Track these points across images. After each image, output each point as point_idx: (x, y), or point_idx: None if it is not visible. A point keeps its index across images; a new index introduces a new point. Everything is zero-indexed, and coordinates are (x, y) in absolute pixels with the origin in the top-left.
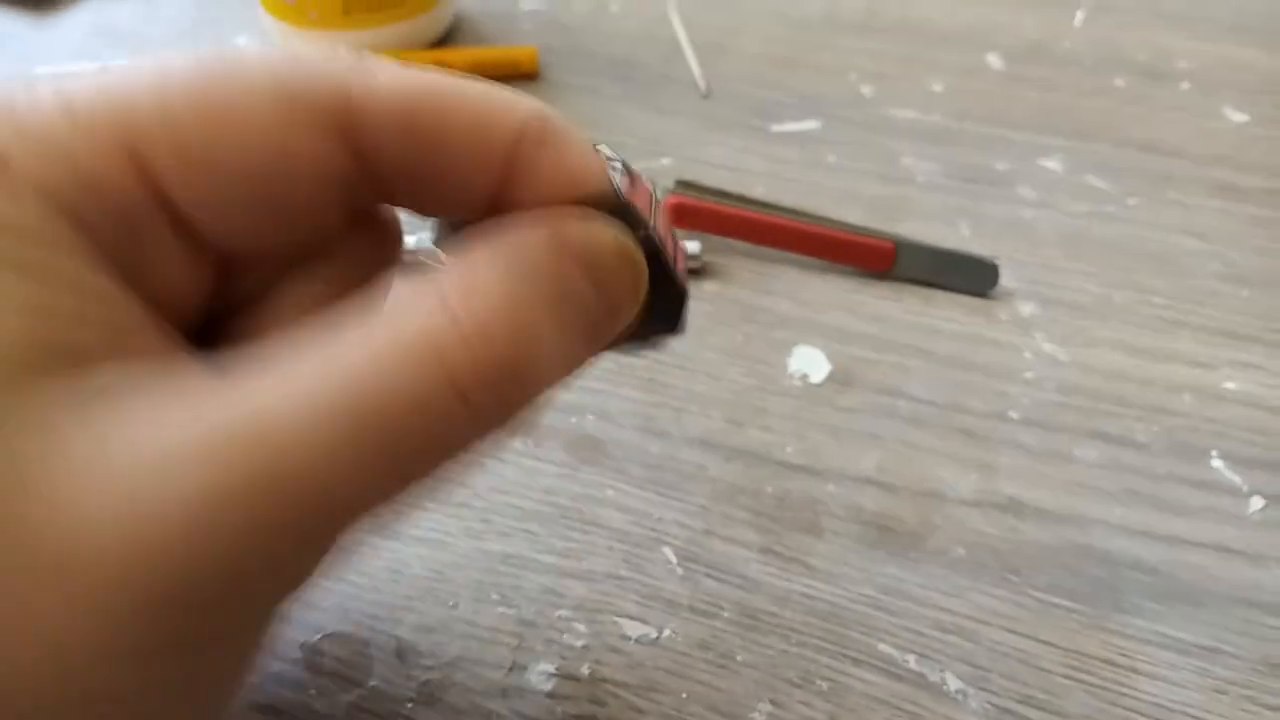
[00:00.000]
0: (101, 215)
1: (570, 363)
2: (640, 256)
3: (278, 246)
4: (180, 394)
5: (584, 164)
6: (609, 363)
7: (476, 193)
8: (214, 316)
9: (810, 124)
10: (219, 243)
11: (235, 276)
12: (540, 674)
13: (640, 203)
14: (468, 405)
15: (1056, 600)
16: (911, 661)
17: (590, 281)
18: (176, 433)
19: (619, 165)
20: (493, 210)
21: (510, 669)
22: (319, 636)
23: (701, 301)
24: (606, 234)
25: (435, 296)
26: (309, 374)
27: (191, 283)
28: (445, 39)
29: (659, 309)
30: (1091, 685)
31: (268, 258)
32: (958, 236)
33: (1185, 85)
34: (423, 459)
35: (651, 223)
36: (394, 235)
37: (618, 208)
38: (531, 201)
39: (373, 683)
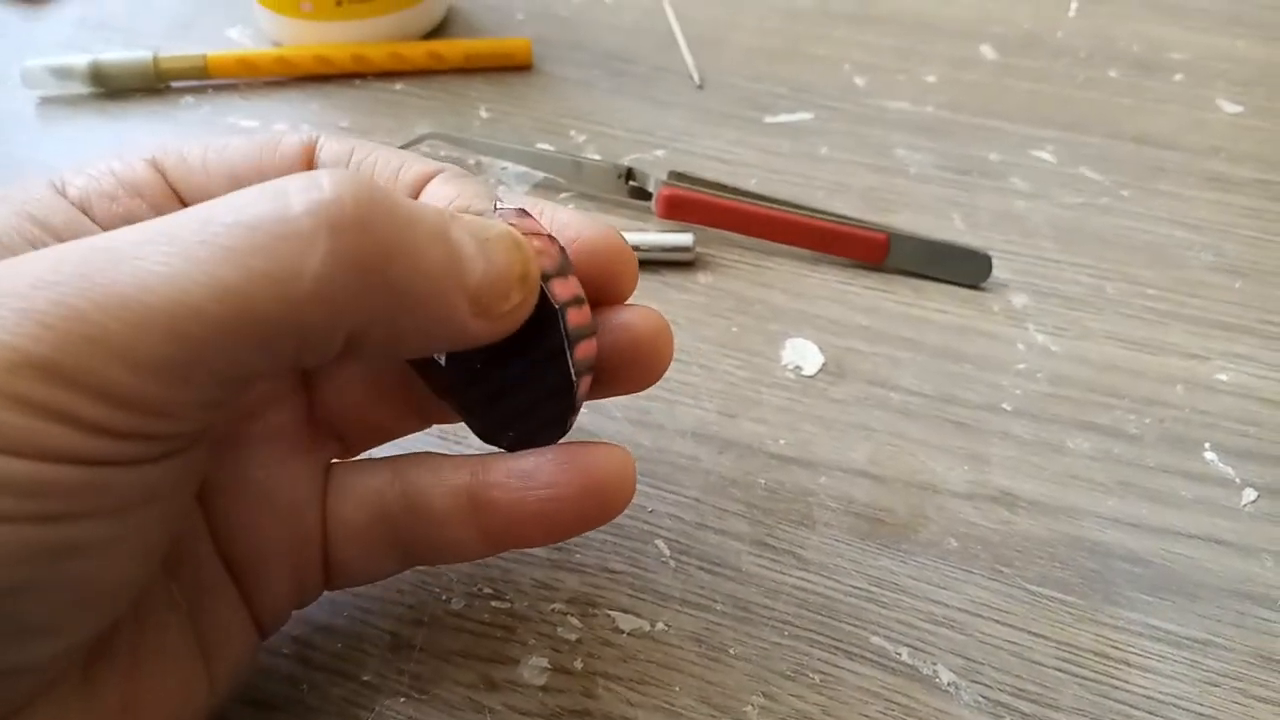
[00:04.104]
0: (135, 202)
1: (449, 316)
2: (526, 245)
3: None
4: None
5: (474, 188)
6: None
7: None
8: None
9: (803, 115)
10: None
11: None
12: (533, 668)
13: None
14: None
15: (1048, 592)
16: (904, 654)
17: (474, 240)
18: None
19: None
20: None
21: (503, 663)
22: (311, 630)
23: (695, 294)
24: (498, 222)
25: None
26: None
27: None
28: (438, 30)
29: (542, 375)
30: (1084, 678)
31: None
32: (950, 228)
33: (1179, 76)
34: (264, 294)
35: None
36: None
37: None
38: None
39: (365, 677)
